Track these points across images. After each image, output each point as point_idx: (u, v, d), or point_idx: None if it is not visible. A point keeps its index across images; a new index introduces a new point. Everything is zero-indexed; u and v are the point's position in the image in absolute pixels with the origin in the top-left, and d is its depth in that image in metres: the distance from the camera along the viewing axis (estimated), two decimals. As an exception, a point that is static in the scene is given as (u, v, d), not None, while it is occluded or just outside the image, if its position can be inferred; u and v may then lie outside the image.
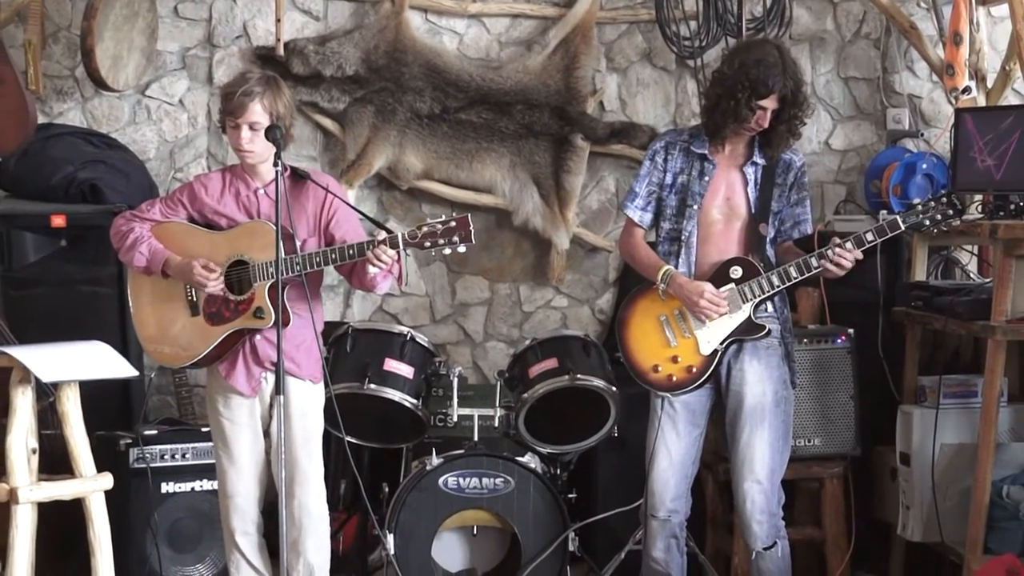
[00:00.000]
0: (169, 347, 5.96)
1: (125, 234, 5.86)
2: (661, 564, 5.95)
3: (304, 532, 5.89)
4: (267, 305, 5.69)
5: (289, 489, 5.81)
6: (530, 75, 7.94)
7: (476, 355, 8.13)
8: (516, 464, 6.41)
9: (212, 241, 5.82)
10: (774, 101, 5.64)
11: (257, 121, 5.68)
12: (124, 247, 5.87)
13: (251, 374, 5.84)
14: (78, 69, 7.73)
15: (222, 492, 5.96)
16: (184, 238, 5.88)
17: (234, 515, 5.94)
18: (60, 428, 5.49)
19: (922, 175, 7.47)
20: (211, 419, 6.00)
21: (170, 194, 6.02)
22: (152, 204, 5.97)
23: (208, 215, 5.89)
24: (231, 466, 5.89)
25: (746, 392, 5.79)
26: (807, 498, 7.06)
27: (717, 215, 5.82)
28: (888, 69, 8.13)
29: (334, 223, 5.87)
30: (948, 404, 6.77)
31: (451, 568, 6.60)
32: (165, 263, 5.82)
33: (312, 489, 5.89)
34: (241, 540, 5.96)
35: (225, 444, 5.90)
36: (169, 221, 5.91)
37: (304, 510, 5.88)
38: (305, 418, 5.88)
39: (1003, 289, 6.29)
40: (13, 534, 5.25)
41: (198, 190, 5.91)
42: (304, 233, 5.83)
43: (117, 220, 5.95)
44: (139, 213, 5.93)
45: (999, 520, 6.46)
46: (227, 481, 5.92)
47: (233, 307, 5.78)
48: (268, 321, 5.70)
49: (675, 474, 5.86)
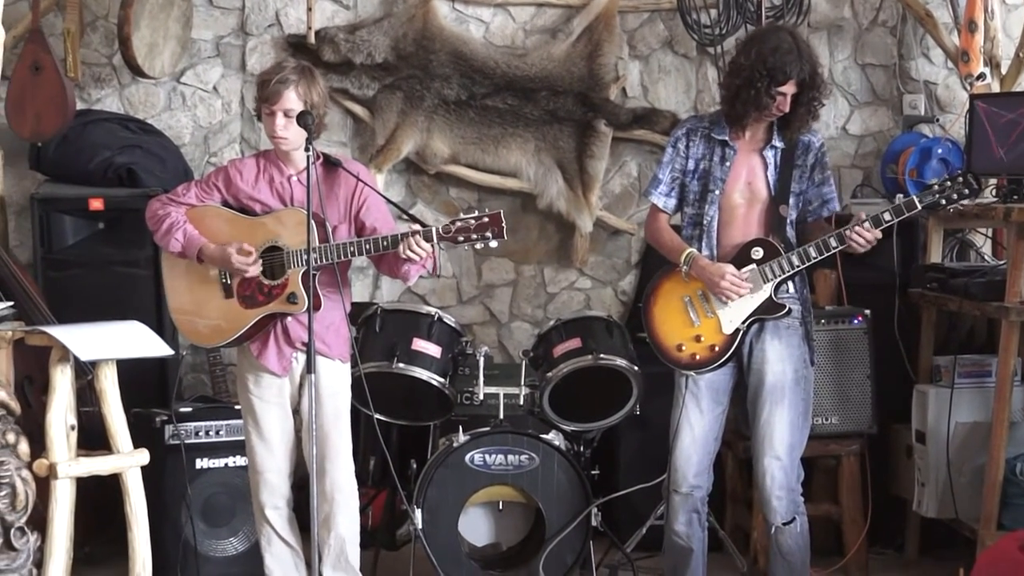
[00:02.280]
0: (202, 327, 5.96)
1: (161, 218, 5.85)
2: (683, 537, 5.94)
3: (336, 507, 5.89)
4: (301, 291, 5.69)
5: (321, 466, 5.83)
6: (554, 62, 7.92)
7: (502, 335, 8.13)
8: (540, 441, 6.40)
9: (247, 226, 5.81)
10: (793, 86, 5.62)
11: (292, 108, 5.67)
12: (160, 231, 5.85)
13: (282, 354, 5.84)
14: (115, 57, 7.74)
15: (252, 468, 5.97)
16: (218, 222, 5.87)
17: (264, 490, 5.94)
18: (98, 405, 5.49)
19: (937, 160, 7.44)
20: (241, 397, 6.01)
21: (205, 178, 6.00)
22: (187, 188, 5.95)
23: (242, 200, 5.88)
24: (261, 443, 5.90)
25: (767, 371, 5.78)
26: (824, 475, 7.05)
27: (739, 199, 5.80)
28: (904, 56, 8.10)
29: (364, 210, 5.87)
30: (963, 384, 6.77)
31: (477, 542, 6.60)
32: (200, 250, 5.81)
33: (342, 465, 5.90)
34: (271, 515, 5.96)
35: (255, 422, 5.91)
36: (204, 205, 5.90)
37: (335, 486, 5.88)
38: (335, 397, 5.89)
39: (1017, 271, 6.29)
40: (52, 508, 5.26)
41: (233, 175, 5.89)
42: (335, 219, 5.83)
43: (152, 203, 5.94)
44: (174, 197, 5.91)
45: (1012, 497, 6.46)
46: (257, 457, 5.93)
47: (267, 291, 5.77)
48: (301, 306, 5.70)
49: (698, 450, 5.85)
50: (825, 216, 5.84)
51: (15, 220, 7.81)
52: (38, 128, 7.27)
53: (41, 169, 7.60)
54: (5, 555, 5.08)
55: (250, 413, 5.94)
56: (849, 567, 6.94)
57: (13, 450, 5.11)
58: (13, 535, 5.08)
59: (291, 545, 5.99)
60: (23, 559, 5.13)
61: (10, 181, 7.77)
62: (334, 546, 5.95)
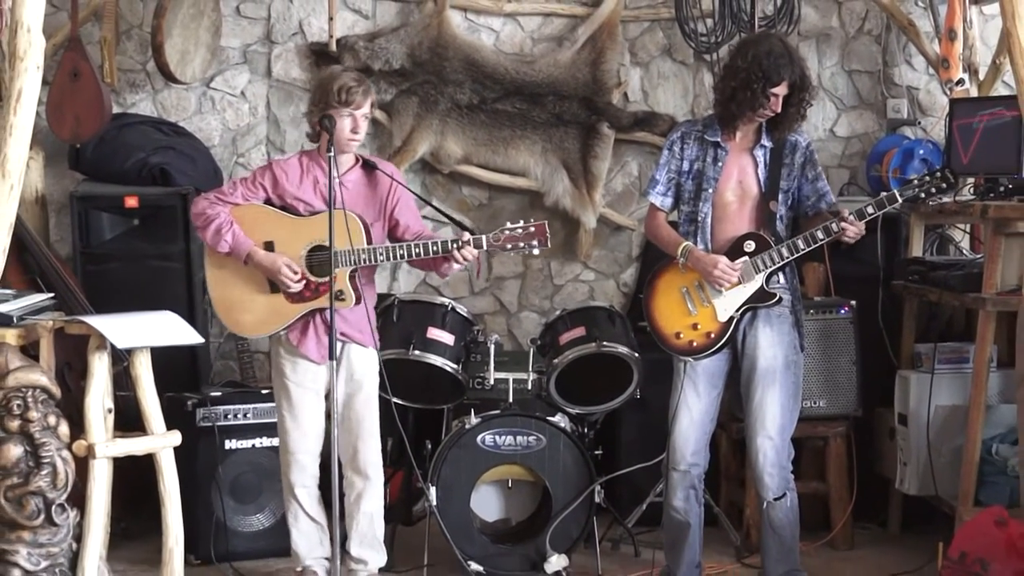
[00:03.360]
0: (245, 319, 6.01)
1: (210, 218, 5.86)
2: (681, 513, 5.96)
3: (368, 485, 5.99)
4: (348, 288, 5.76)
5: (354, 446, 5.93)
6: (560, 69, 7.92)
7: (511, 324, 8.13)
8: (547, 423, 6.41)
9: (293, 226, 5.85)
10: (785, 87, 5.66)
11: (367, 113, 5.85)
12: (209, 231, 5.86)
13: (321, 343, 5.88)
14: (149, 63, 7.74)
15: (284, 449, 5.99)
16: (265, 222, 5.91)
17: (295, 470, 5.97)
18: (133, 390, 5.51)
19: (919, 160, 7.46)
20: (276, 382, 6.03)
21: (251, 177, 6.02)
22: (234, 187, 5.97)
23: (287, 200, 5.92)
24: (295, 426, 5.93)
25: (759, 356, 5.80)
26: (813, 455, 7.06)
27: (731, 196, 5.82)
28: (888, 63, 8.09)
29: (398, 209, 5.97)
30: (942, 369, 6.77)
31: (488, 518, 6.62)
32: (249, 255, 5.85)
33: (374, 444, 5.98)
34: (300, 493, 6.00)
35: (291, 406, 5.94)
36: (249, 204, 5.93)
37: (368, 464, 5.97)
38: (369, 382, 5.97)
39: (993, 264, 6.29)
40: (91, 486, 5.27)
41: (279, 175, 5.93)
42: (371, 218, 5.91)
43: (199, 201, 5.95)
44: (221, 196, 5.93)
45: (989, 475, 6.46)
46: (290, 439, 5.96)
47: (314, 288, 5.82)
48: (348, 303, 5.78)
49: (695, 431, 5.87)
50: (823, 209, 5.86)
51: (55, 217, 7.83)
52: (77, 131, 7.28)
53: (80, 169, 7.60)
54: (47, 530, 5.09)
55: (285, 398, 5.96)
56: (835, 541, 6.95)
57: (54, 432, 5.12)
58: (54, 511, 5.09)
59: (317, 521, 6.02)
60: (63, 534, 5.14)
61: (51, 180, 7.79)
62: (363, 522, 6.01)
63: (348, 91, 5.77)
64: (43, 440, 5.07)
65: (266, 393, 6.80)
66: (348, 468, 6.01)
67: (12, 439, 5.06)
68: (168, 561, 5.59)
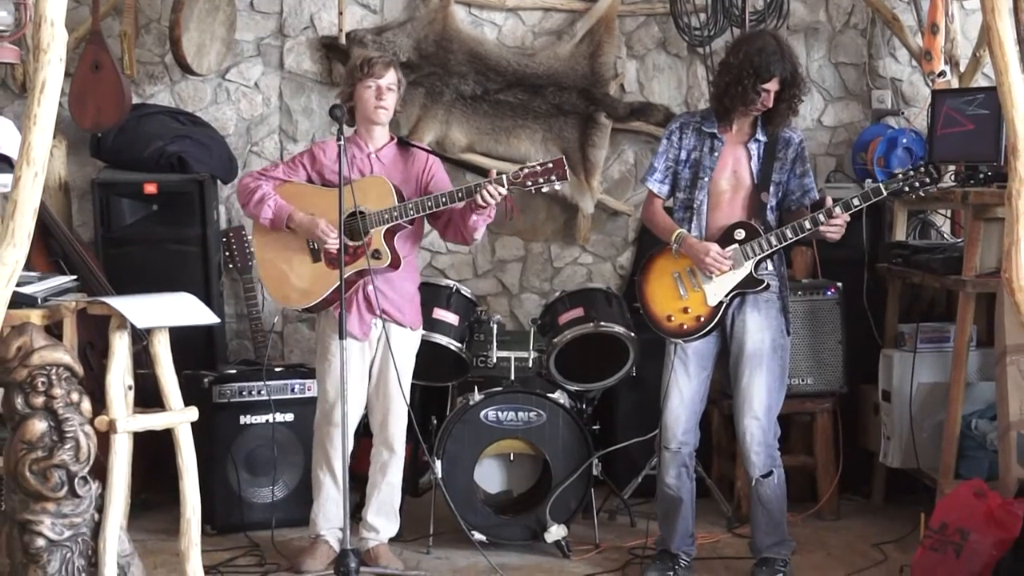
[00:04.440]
0: (292, 291, 6.05)
1: (253, 190, 5.94)
2: (673, 489, 5.95)
3: (393, 458, 6.08)
4: (384, 247, 5.83)
5: (385, 420, 6.02)
6: (560, 61, 7.90)
7: (513, 305, 8.11)
8: (547, 400, 6.40)
9: (333, 196, 5.83)
10: (776, 84, 5.64)
11: (391, 84, 5.91)
12: (252, 202, 5.94)
13: (363, 320, 5.93)
14: (167, 56, 7.72)
15: (327, 422, 6.01)
16: (306, 195, 5.99)
17: (331, 442, 5.98)
18: (152, 368, 5.50)
19: (902, 148, 7.42)
20: (321, 358, 6.07)
21: (292, 158, 6.17)
22: (275, 166, 6.11)
23: (325, 175, 6.00)
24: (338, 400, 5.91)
25: (747, 339, 5.80)
26: (800, 430, 7.05)
27: (725, 185, 5.82)
28: (873, 55, 8.06)
29: (433, 183, 6.04)
30: (924, 348, 6.76)
31: (491, 490, 6.61)
32: (290, 216, 5.90)
33: (403, 422, 6.05)
34: (335, 464, 6.00)
35: (334, 382, 5.92)
36: (290, 181, 5.99)
37: (396, 439, 6.06)
38: (405, 361, 6.01)
39: (973, 248, 6.30)
40: (112, 460, 5.26)
41: (318, 154, 6.05)
42: (408, 193, 5.96)
43: (245, 179, 6.06)
44: (265, 172, 6.05)
45: (968, 449, 6.47)
46: (332, 412, 5.95)
47: (352, 251, 5.85)
48: (385, 261, 5.84)
49: (685, 411, 5.86)
50: (805, 204, 5.85)
51: (78, 202, 7.81)
52: (98, 120, 7.27)
53: (101, 157, 7.59)
54: (70, 501, 5.08)
55: (330, 373, 5.96)
56: (822, 511, 6.96)
57: (77, 408, 5.11)
58: (77, 483, 5.08)
59: (341, 492, 6.00)
60: (86, 505, 5.13)
61: (73, 168, 7.76)
62: (384, 491, 6.08)
63: (368, 62, 5.88)
64: (66, 416, 5.06)
65: (279, 371, 6.81)
66: (377, 440, 6.09)
67: (37, 415, 5.05)
68: (186, 531, 5.58)
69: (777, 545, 5.95)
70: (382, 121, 5.99)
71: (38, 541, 5.03)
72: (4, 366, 5.05)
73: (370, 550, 6.08)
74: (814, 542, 6.55)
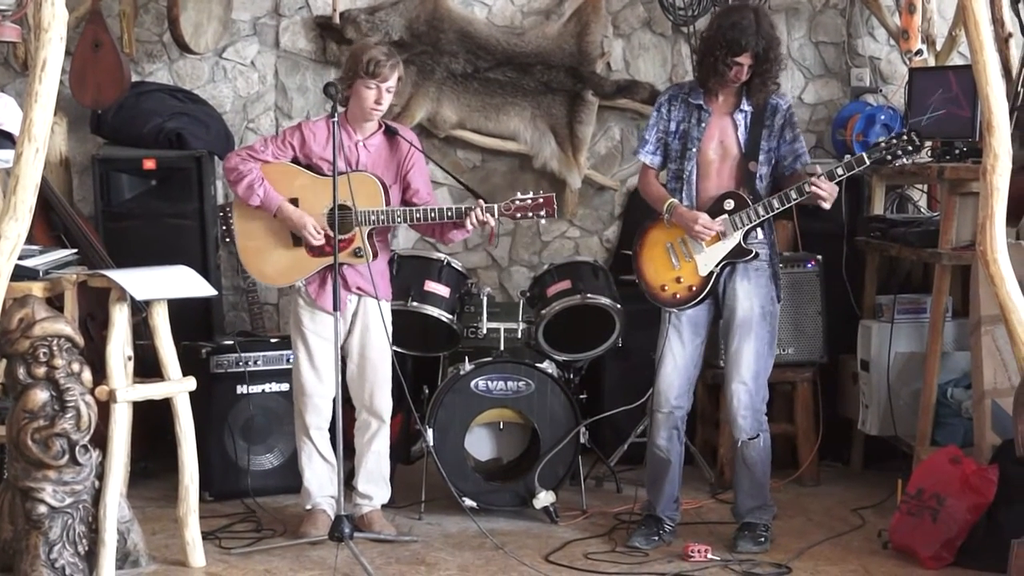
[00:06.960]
0: (269, 268, 6.02)
1: (242, 173, 5.85)
2: (663, 451, 5.94)
3: (381, 427, 6.06)
4: (366, 246, 5.81)
5: (371, 391, 6.00)
6: (548, 40, 7.87)
7: (502, 278, 8.10)
8: (536, 369, 6.38)
9: (319, 185, 5.82)
10: (748, 58, 5.63)
11: (392, 87, 5.82)
12: (241, 186, 5.86)
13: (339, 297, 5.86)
14: (165, 35, 7.68)
15: (301, 392, 6.00)
16: (291, 180, 5.92)
17: (311, 412, 5.99)
18: (151, 339, 5.50)
19: (880, 125, 7.42)
20: (294, 331, 6.04)
21: (281, 136, 6.01)
22: (265, 145, 5.96)
23: (313, 159, 5.93)
24: (312, 372, 5.93)
25: (737, 307, 5.79)
26: (782, 398, 7.04)
27: (713, 155, 5.80)
28: (852, 34, 8.04)
29: (411, 173, 6.00)
30: (901, 319, 6.76)
31: (481, 457, 6.60)
32: (279, 209, 5.85)
33: (387, 390, 6.05)
34: (315, 434, 6.01)
35: (309, 353, 5.94)
36: (279, 162, 5.91)
37: (382, 408, 6.05)
38: (383, 332, 5.97)
39: (948, 221, 6.31)
40: (112, 428, 5.27)
41: (307, 136, 5.93)
42: (389, 180, 5.93)
43: (232, 157, 5.95)
44: (253, 152, 5.92)
45: (944, 417, 6.48)
46: (307, 384, 5.96)
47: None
48: (365, 260, 5.82)
49: (679, 376, 5.86)
50: (799, 169, 5.83)
51: (78, 178, 7.77)
52: (98, 98, 7.24)
53: (101, 133, 7.56)
54: (71, 469, 5.09)
55: (303, 345, 5.97)
56: (803, 477, 6.95)
57: (78, 378, 5.11)
58: (78, 452, 5.08)
59: (328, 461, 6.00)
60: (87, 472, 5.14)
61: (74, 144, 7.73)
62: (371, 460, 6.07)
63: (376, 64, 5.76)
64: (67, 386, 5.06)
65: (275, 342, 6.80)
66: (364, 411, 6.07)
67: (39, 385, 5.06)
68: (184, 497, 5.59)
69: (759, 509, 5.95)
70: (375, 119, 5.95)
71: (40, 508, 5.04)
72: (6, 337, 5.05)
73: (364, 516, 6.07)
74: (795, 507, 6.54)
